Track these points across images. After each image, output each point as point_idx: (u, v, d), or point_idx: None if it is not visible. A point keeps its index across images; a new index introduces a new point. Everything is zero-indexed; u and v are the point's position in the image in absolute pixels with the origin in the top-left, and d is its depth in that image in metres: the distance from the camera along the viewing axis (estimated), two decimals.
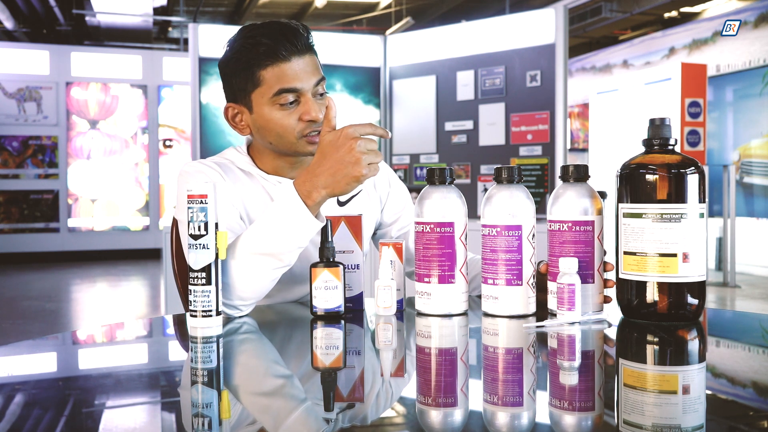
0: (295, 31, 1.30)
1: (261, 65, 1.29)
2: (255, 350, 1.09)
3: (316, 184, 1.16)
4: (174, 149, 9.09)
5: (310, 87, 1.31)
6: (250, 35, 1.31)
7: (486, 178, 4.45)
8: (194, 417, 0.74)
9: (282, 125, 1.31)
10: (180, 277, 1.59)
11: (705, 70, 7.15)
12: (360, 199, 1.46)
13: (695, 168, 1.10)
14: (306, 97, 1.31)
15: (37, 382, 0.92)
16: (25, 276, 7.42)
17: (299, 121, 1.31)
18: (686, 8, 8.99)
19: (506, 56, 4.36)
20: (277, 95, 1.30)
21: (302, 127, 1.32)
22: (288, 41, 1.29)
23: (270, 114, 1.31)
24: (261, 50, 1.28)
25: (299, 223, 1.16)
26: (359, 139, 1.15)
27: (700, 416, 0.75)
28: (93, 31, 10.02)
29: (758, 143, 7.18)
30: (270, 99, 1.30)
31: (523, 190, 1.18)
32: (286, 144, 1.34)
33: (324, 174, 1.16)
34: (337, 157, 1.15)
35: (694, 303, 1.11)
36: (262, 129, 1.34)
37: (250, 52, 1.30)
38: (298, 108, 1.31)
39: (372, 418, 0.75)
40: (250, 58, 1.30)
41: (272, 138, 1.34)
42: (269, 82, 1.30)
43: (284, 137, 1.32)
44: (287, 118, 1.31)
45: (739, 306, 5.53)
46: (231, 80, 1.35)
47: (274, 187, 1.38)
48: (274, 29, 1.30)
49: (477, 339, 1.10)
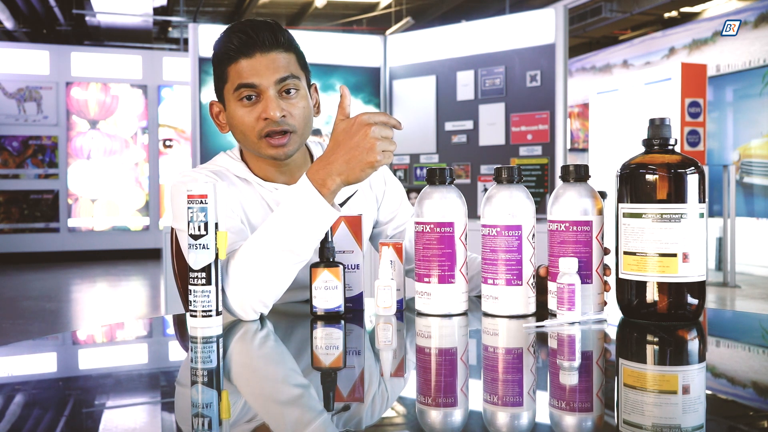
0: (264, 28, 1.29)
1: (229, 61, 1.30)
2: (255, 350, 1.09)
3: (331, 171, 1.13)
4: (174, 149, 9.09)
5: (270, 84, 1.29)
6: (227, 32, 1.32)
7: (486, 178, 4.45)
8: (194, 417, 0.74)
9: (243, 123, 1.31)
10: (180, 277, 1.59)
11: (705, 70, 7.15)
12: (357, 199, 1.45)
13: (695, 168, 1.10)
14: (266, 94, 1.29)
15: (37, 382, 0.92)
16: (25, 276, 7.42)
17: (258, 120, 1.30)
18: (686, 8, 8.99)
19: (506, 56, 4.36)
20: (236, 90, 1.30)
21: (261, 126, 1.29)
22: (252, 38, 1.28)
23: (234, 111, 1.32)
24: (230, 46, 1.29)
25: (315, 213, 1.13)
26: (374, 125, 1.12)
27: (700, 416, 0.75)
28: (93, 31, 10.02)
29: (758, 143, 7.18)
30: (233, 95, 1.31)
31: (523, 190, 1.18)
32: (250, 144, 1.33)
33: (338, 161, 1.13)
34: (352, 143, 1.12)
35: (694, 303, 1.11)
36: (232, 127, 1.35)
37: (222, 49, 1.31)
38: (257, 106, 1.30)
39: (372, 419, 0.75)
40: (222, 54, 1.31)
41: (238, 136, 1.34)
42: (232, 78, 1.30)
43: (247, 136, 1.32)
44: (247, 116, 1.30)
45: (739, 306, 5.53)
46: (213, 77, 1.37)
47: (270, 194, 1.36)
48: (245, 25, 1.30)
49: (477, 339, 1.10)
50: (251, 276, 1.15)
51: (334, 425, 0.72)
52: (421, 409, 0.77)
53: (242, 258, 1.16)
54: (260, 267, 1.15)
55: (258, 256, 1.15)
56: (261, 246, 1.15)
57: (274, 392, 0.86)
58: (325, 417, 0.74)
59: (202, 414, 0.75)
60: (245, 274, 1.15)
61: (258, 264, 1.15)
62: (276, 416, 0.76)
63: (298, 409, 0.78)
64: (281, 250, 1.14)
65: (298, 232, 1.14)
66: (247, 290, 1.16)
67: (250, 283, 1.15)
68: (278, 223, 1.15)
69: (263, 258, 1.15)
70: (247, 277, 1.15)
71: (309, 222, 1.13)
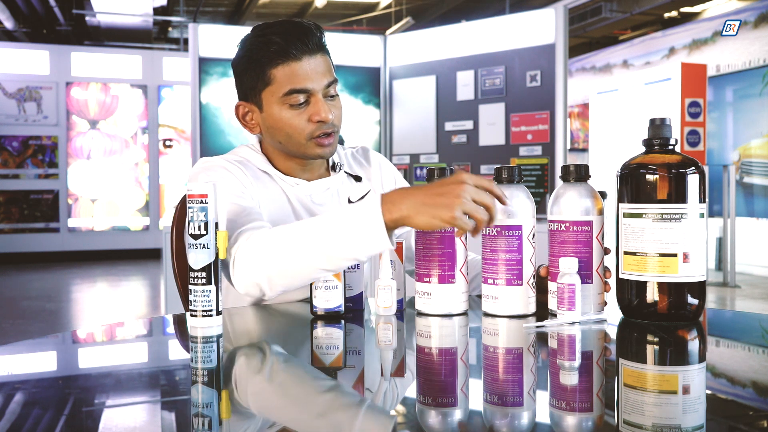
0: (307, 30, 1.30)
1: (272, 64, 1.28)
2: (255, 350, 1.09)
3: (402, 202, 1.04)
4: (174, 149, 9.09)
5: (321, 88, 1.30)
6: (262, 33, 1.30)
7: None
8: (194, 417, 0.74)
9: (291, 125, 1.31)
10: (180, 277, 1.59)
11: (705, 70, 7.16)
12: None
13: (695, 168, 1.10)
14: (316, 97, 1.30)
15: (37, 381, 0.92)
16: (25, 276, 7.42)
17: (309, 122, 1.31)
18: (686, 8, 9.00)
19: (506, 56, 4.36)
20: (287, 95, 1.29)
21: (312, 129, 1.31)
22: (299, 40, 1.28)
23: (279, 114, 1.31)
24: (272, 48, 1.28)
25: (369, 232, 1.05)
26: (469, 186, 1.02)
27: (700, 416, 0.75)
28: (93, 31, 10.02)
29: (758, 143, 7.18)
30: (280, 98, 1.30)
31: (523, 190, 1.18)
32: (295, 145, 1.33)
33: (414, 197, 1.04)
34: (438, 190, 1.03)
35: (694, 303, 1.11)
36: (272, 128, 1.33)
37: (261, 51, 1.29)
38: (308, 109, 1.31)
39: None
40: (261, 56, 1.29)
41: (281, 138, 1.33)
42: (280, 82, 1.29)
43: (293, 138, 1.32)
44: (296, 119, 1.30)
45: (739, 306, 5.53)
46: (242, 78, 1.34)
47: (292, 188, 1.38)
48: (286, 28, 1.29)
49: (477, 339, 1.10)
50: (275, 254, 1.12)
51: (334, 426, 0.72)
52: (422, 408, 0.77)
53: (275, 234, 1.13)
54: (287, 251, 1.11)
55: (292, 240, 1.11)
56: (300, 234, 1.11)
57: (274, 392, 0.86)
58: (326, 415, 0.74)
59: (202, 414, 0.75)
60: (270, 249, 1.12)
61: (287, 247, 1.11)
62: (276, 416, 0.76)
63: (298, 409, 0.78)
64: (317, 249, 1.09)
65: (342, 243, 1.08)
66: (263, 263, 1.13)
67: (269, 259, 1.12)
68: (328, 224, 1.10)
69: (296, 245, 1.11)
70: (270, 252, 1.12)
71: (358, 238, 1.06)
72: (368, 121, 4.90)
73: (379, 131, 4.93)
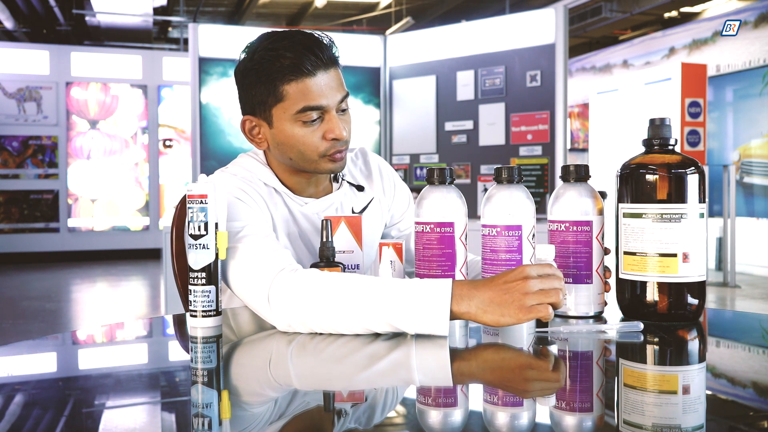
0: (320, 44, 1.24)
1: (284, 80, 1.22)
2: (255, 350, 1.09)
3: (472, 298, 1.01)
4: (174, 149, 9.09)
5: (335, 104, 1.26)
6: (272, 47, 1.23)
7: (486, 178, 4.45)
8: (194, 417, 0.74)
9: (304, 143, 1.25)
10: (180, 277, 1.59)
11: (705, 70, 7.16)
12: (374, 207, 1.45)
13: (695, 168, 1.10)
14: (330, 114, 1.25)
15: (37, 382, 0.92)
16: (25, 276, 7.42)
17: (323, 140, 1.26)
18: (686, 8, 9.00)
19: (506, 56, 4.36)
20: (301, 112, 1.23)
21: (326, 147, 1.26)
22: (313, 54, 1.22)
23: (292, 131, 1.25)
24: (285, 63, 1.21)
25: (432, 315, 1.01)
26: (533, 280, 1.00)
27: (700, 416, 0.75)
28: (93, 31, 10.03)
29: (758, 143, 7.18)
30: (293, 116, 1.24)
31: (523, 190, 1.18)
32: (307, 161, 1.28)
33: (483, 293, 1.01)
34: (504, 287, 1.01)
35: (694, 303, 1.11)
36: (283, 145, 1.27)
37: (273, 65, 1.22)
38: (321, 125, 1.25)
39: (373, 419, 0.75)
40: (272, 71, 1.22)
41: (293, 154, 1.28)
42: (293, 98, 1.23)
43: (306, 155, 1.27)
44: (310, 136, 1.25)
45: (739, 306, 5.53)
46: (250, 91, 1.27)
47: (300, 207, 1.33)
48: (298, 41, 1.23)
49: (477, 339, 1.10)
50: (323, 302, 1.06)
51: (335, 426, 0.72)
52: (421, 409, 0.77)
53: (329, 282, 1.08)
54: (340, 304, 1.05)
55: (346, 295, 1.05)
56: (357, 292, 1.05)
57: (274, 392, 0.86)
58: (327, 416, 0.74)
59: (202, 414, 0.75)
60: (318, 296, 1.06)
61: (340, 300, 1.05)
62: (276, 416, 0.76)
63: (298, 409, 0.78)
64: (373, 311, 1.03)
65: (402, 316, 1.02)
66: (307, 307, 1.07)
67: (315, 307, 1.06)
68: (391, 292, 1.04)
69: (350, 301, 1.05)
70: (317, 299, 1.06)
71: (419, 317, 1.02)
72: (368, 121, 4.90)
73: (379, 131, 4.93)
